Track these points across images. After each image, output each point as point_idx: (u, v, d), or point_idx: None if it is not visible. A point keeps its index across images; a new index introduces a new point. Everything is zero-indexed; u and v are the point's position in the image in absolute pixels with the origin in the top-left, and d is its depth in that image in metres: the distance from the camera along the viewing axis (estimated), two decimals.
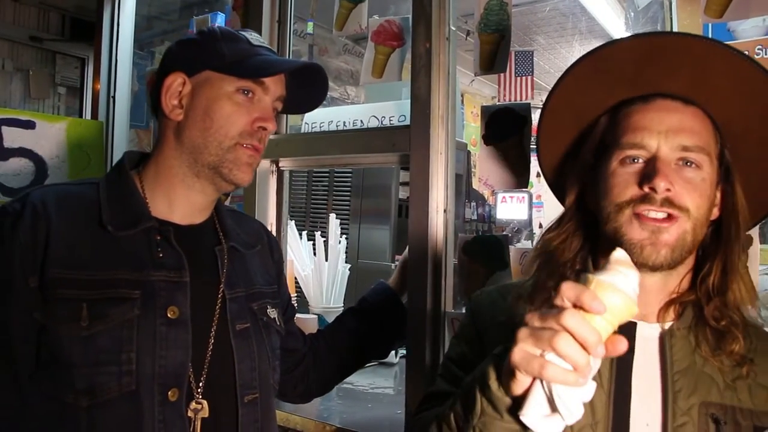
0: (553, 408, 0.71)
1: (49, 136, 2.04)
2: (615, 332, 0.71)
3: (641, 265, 0.89)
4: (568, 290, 0.71)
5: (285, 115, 1.92)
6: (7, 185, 1.93)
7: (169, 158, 1.13)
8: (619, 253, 0.76)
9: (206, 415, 1.05)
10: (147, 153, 1.18)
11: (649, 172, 0.88)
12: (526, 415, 0.73)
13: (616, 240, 0.90)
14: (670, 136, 0.89)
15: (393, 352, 2.09)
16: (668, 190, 0.87)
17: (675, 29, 2.18)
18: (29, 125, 2.00)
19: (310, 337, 1.47)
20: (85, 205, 1.07)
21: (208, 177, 1.12)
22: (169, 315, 1.04)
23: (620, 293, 0.71)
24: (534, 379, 0.72)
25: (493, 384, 0.77)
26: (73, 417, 0.97)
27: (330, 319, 1.62)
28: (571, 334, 0.68)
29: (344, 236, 2.29)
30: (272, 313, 1.23)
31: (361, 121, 2.45)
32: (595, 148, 0.98)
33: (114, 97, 2.46)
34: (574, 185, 1.02)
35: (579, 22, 5.42)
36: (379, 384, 1.94)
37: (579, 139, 1.03)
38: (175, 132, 1.12)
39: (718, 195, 0.94)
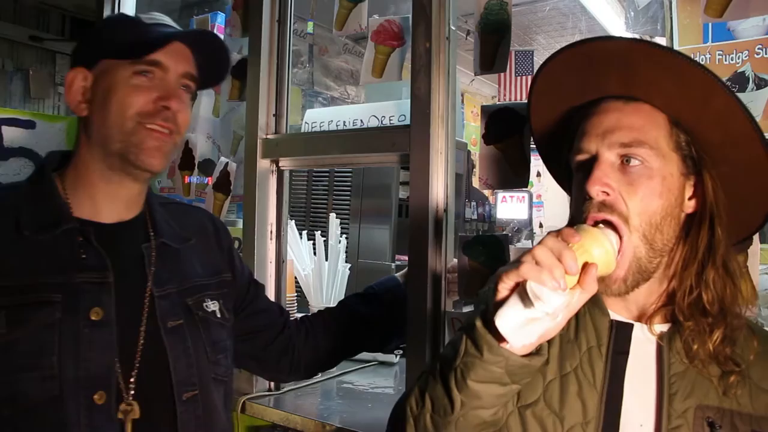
0: (527, 303, 0.77)
1: (49, 135, 2.04)
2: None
3: (603, 293, 0.92)
4: (551, 235, 0.81)
5: (285, 115, 1.92)
6: None
7: (84, 155, 1.12)
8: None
9: (137, 416, 1.03)
10: (70, 152, 1.16)
11: (586, 176, 0.90)
12: (501, 317, 0.78)
13: None
14: (607, 136, 0.91)
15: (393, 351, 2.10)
16: (605, 193, 0.88)
17: (675, 29, 2.18)
18: (29, 125, 2.00)
19: (308, 316, 1.48)
20: (5, 210, 1.06)
21: (120, 167, 1.10)
22: (92, 317, 1.02)
23: (599, 235, 0.82)
24: (511, 292, 0.79)
25: (478, 322, 0.82)
26: None
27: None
28: (548, 249, 0.78)
29: (344, 236, 2.29)
30: (211, 306, 1.21)
31: (361, 121, 2.45)
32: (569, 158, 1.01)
33: None
34: (570, 193, 1.04)
35: (579, 21, 5.42)
36: (379, 384, 1.94)
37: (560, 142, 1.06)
38: (84, 128, 1.12)
39: (690, 186, 0.94)
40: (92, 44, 1.13)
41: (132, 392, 1.04)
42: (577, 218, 0.93)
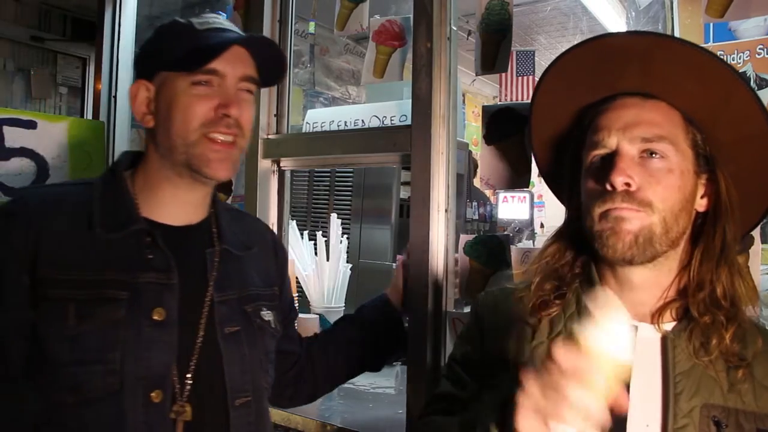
0: None
1: (50, 136, 2.04)
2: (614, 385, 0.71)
3: (613, 259, 0.91)
4: (563, 359, 0.70)
5: (286, 116, 1.92)
6: (8, 185, 1.93)
7: (153, 161, 1.13)
8: (603, 295, 0.74)
9: (188, 418, 1.04)
10: (140, 153, 1.18)
11: (607, 169, 0.89)
12: None
13: (589, 236, 0.92)
14: (628, 131, 0.90)
15: None
16: (627, 184, 0.88)
17: (676, 28, 2.19)
18: (31, 125, 2.00)
19: (306, 340, 1.46)
20: (77, 206, 1.08)
21: (188, 174, 1.11)
22: (155, 317, 1.04)
23: (609, 357, 0.70)
24: None
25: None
26: (60, 414, 0.99)
27: (331, 319, 1.61)
28: (574, 405, 0.68)
29: (345, 236, 2.29)
30: (267, 315, 1.22)
31: (363, 121, 2.45)
32: (573, 156, 1.01)
33: (115, 97, 2.46)
34: (568, 195, 1.04)
35: (580, 21, 5.41)
36: (380, 384, 1.94)
37: (563, 141, 1.06)
38: (151, 137, 1.13)
39: (702, 185, 0.94)
40: (150, 56, 1.14)
41: (186, 394, 1.06)
42: (587, 210, 0.92)
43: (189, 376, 1.07)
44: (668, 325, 0.93)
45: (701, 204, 0.95)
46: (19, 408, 1.00)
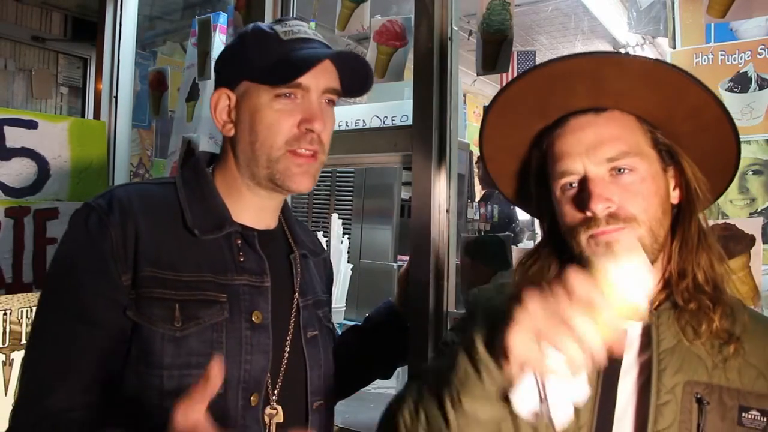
0: (543, 400, 0.72)
1: (51, 136, 2.04)
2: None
3: None
4: (576, 284, 0.69)
5: None
6: (9, 185, 1.94)
7: (231, 169, 1.12)
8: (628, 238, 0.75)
9: (281, 420, 1.05)
10: (215, 154, 1.17)
11: (584, 197, 0.89)
12: (515, 399, 0.73)
13: (578, 259, 0.92)
14: (591, 153, 0.90)
15: None
16: (609, 207, 0.88)
17: (678, 29, 2.18)
18: (31, 125, 2.00)
19: None
20: (167, 205, 1.06)
21: (268, 186, 1.09)
22: (253, 319, 1.04)
23: (622, 294, 0.69)
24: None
25: (480, 346, 0.78)
26: (159, 417, 0.94)
27: (332, 318, 1.59)
28: (575, 333, 0.68)
29: (346, 236, 2.29)
30: (332, 321, 1.24)
31: (364, 121, 2.45)
32: (538, 181, 1.00)
33: (116, 97, 2.47)
34: (540, 215, 1.04)
35: (581, 21, 5.41)
36: (381, 384, 1.93)
37: (525, 166, 1.05)
38: (231, 145, 1.11)
39: (671, 177, 0.95)
40: (233, 64, 1.11)
41: (275, 397, 1.06)
42: (572, 236, 0.92)
43: (279, 379, 1.07)
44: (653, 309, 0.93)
45: (674, 196, 0.95)
46: (106, 411, 0.96)
